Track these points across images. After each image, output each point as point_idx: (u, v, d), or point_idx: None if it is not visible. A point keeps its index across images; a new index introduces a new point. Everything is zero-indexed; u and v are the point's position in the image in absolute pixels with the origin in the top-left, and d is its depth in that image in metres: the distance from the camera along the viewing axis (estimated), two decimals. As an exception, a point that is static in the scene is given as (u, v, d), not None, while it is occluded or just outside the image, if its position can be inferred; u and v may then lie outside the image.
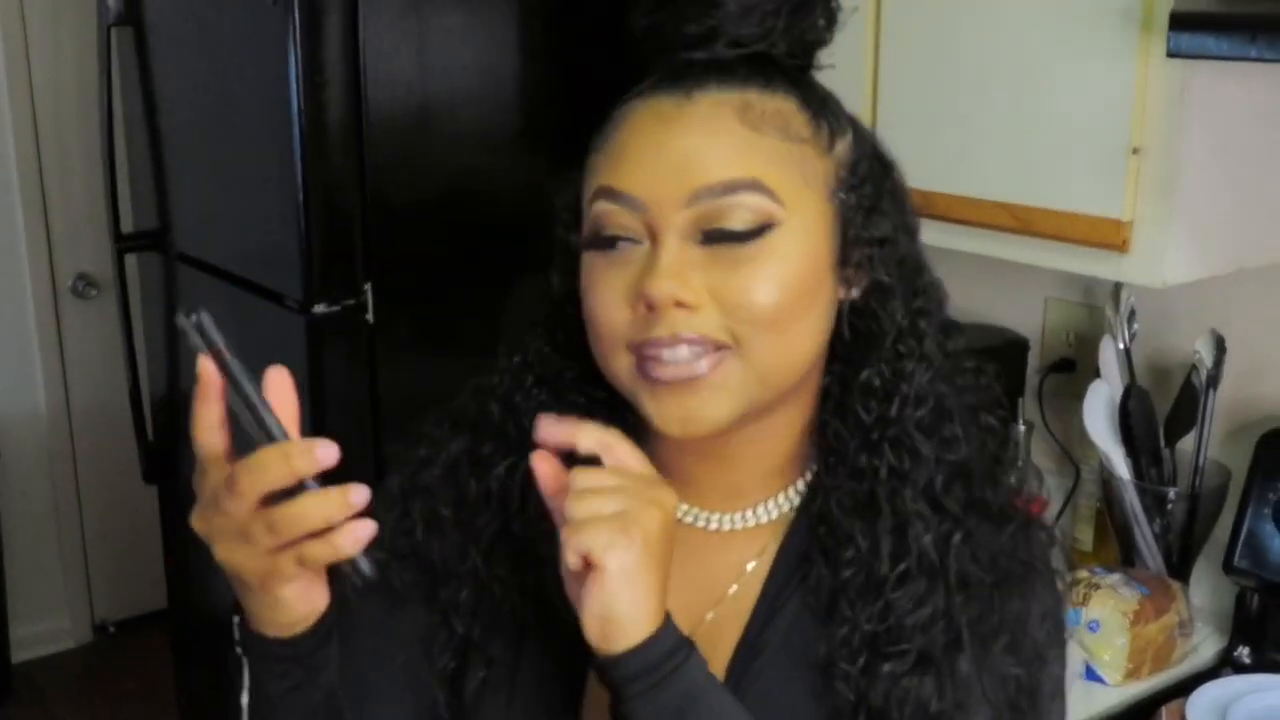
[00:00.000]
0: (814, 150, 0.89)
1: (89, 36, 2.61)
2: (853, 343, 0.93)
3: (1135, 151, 1.44)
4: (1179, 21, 1.29)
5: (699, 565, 0.96)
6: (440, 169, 2.12)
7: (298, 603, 0.83)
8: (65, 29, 3.50)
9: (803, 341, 0.89)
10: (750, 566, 0.96)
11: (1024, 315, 2.07)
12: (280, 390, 0.80)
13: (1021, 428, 1.94)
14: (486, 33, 2.14)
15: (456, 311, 2.16)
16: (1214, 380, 1.70)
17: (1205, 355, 1.70)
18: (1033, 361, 2.04)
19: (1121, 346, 1.80)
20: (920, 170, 1.66)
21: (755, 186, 0.85)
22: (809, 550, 0.93)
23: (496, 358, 1.02)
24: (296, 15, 1.94)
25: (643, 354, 0.86)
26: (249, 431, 0.78)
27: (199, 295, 2.51)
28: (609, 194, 0.87)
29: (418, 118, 2.08)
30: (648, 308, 0.85)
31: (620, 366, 0.88)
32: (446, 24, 2.10)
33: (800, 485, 0.97)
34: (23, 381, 3.68)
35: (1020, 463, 1.91)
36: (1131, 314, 1.80)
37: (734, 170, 0.85)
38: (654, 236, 0.86)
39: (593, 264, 0.89)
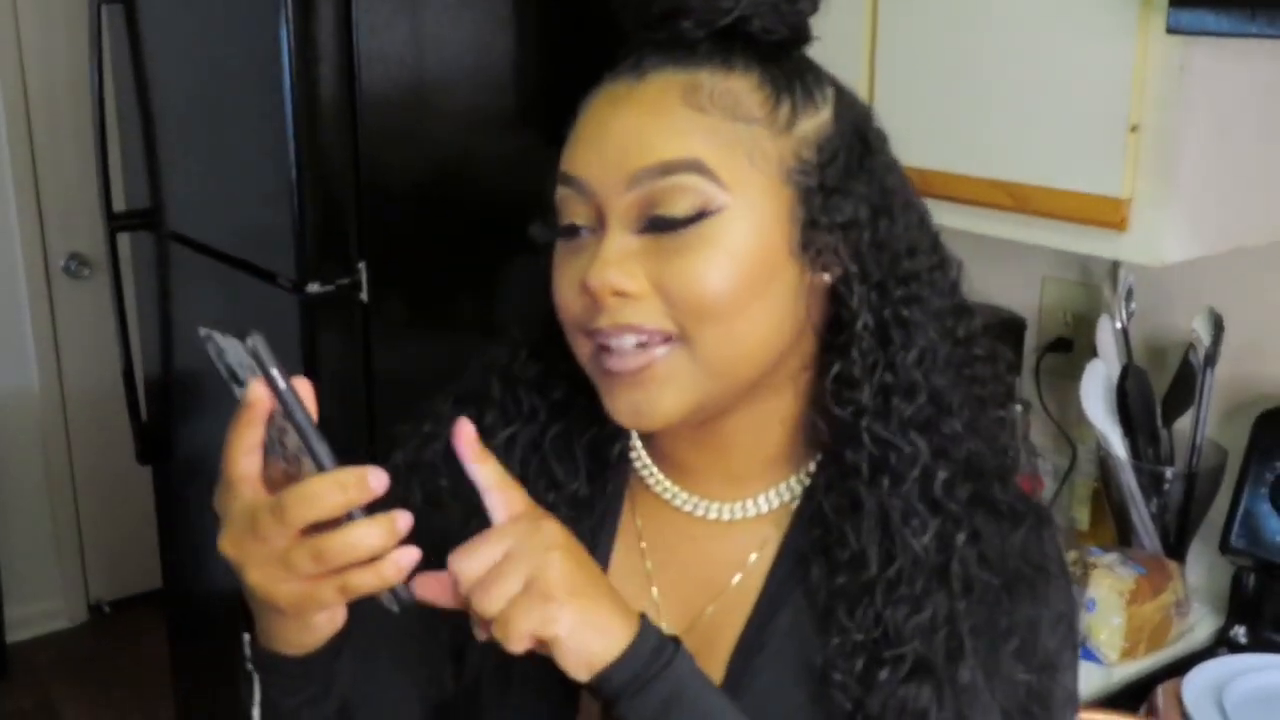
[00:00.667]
0: (767, 130, 0.86)
1: (80, 14, 2.60)
2: (834, 332, 0.90)
3: (1134, 129, 1.43)
4: (1178, -3, 1.28)
5: (700, 556, 0.95)
6: (434, 147, 2.11)
7: (326, 625, 0.82)
8: (56, 7, 3.49)
9: (756, 330, 0.86)
10: (753, 558, 0.95)
11: (1021, 294, 2.06)
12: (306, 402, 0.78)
13: (1018, 407, 1.94)
14: (481, 9, 2.13)
15: (451, 290, 2.15)
16: (1211, 359, 1.70)
17: (1203, 334, 1.69)
18: (1030, 341, 2.04)
19: (1119, 325, 1.80)
20: (917, 148, 1.65)
21: (694, 167, 0.84)
22: (808, 550, 0.92)
23: (506, 334, 1.02)
24: (289, -9, 1.93)
25: (596, 343, 0.86)
26: (272, 451, 0.77)
27: (192, 274, 2.50)
28: (564, 179, 0.88)
29: (412, 95, 2.07)
30: (591, 300, 0.85)
31: (582, 354, 0.89)
32: (441, 1, 2.08)
33: (803, 476, 0.95)
34: (15, 362, 3.67)
35: (1019, 444, 1.92)
36: (1129, 293, 1.79)
37: (672, 151, 0.84)
38: (601, 224, 0.86)
39: (557, 251, 0.90)
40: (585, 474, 0.97)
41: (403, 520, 0.74)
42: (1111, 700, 1.58)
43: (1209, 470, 1.74)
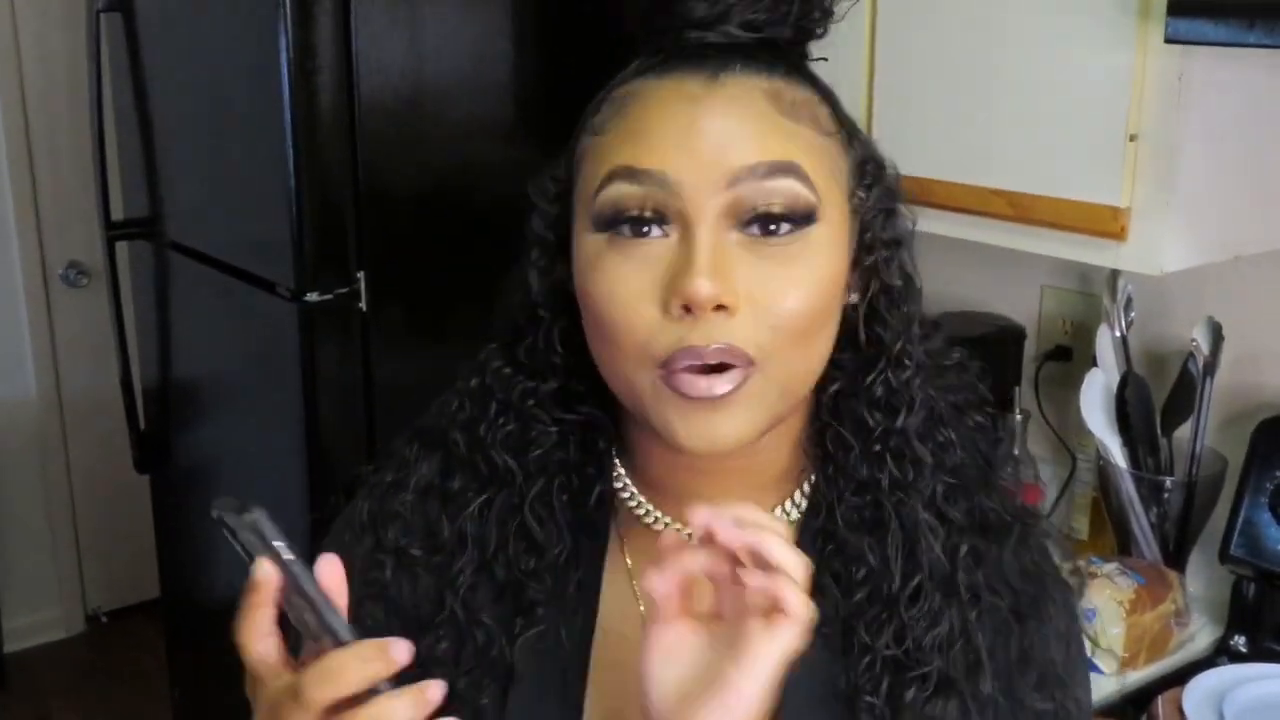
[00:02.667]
0: (839, 146, 0.85)
1: (78, 23, 2.60)
2: (860, 349, 0.88)
3: (1133, 138, 1.43)
4: (1177, 7, 1.28)
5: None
6: (433, 156, 2.11)
7: None
8: (54, 15, 3.49)
9: (821, 351, 0.84)
10: None
11: (1020, 303, 2.06)
12: (334, 582, 0.73)
13: (1018, 416, 1.94)
14: (480, 20, 2.13)
15: (450, 300, 2.15)
16: (1211, 368, 1.69)
17: (1202, 343, 1.69)
18: (1029, 350, 2.04)
19: (1118, 334, 1.79)
20: (917, 157, 1.66)
21: (794, 171, 0.80)
22: (817, 576, 0.87)
23: (456, 378, 0.96)
24: (288, 1, 1.92)
25: (674, 365, 0.78)
26: (302, 630, 0.73)
27: (191, 283, 2.50)
28: (629, 174, 0.80)
29: (411, 105, 2.07)
30: (684, 309, 0.77)
31: (642, 380, 0.81)
32: (440, 11, 2.08)
33: (797, 498, 0.92)
34: (13, 370, 3.67)
35: (1016, 452, 1.92)
36: (1128, 302, 1.79)
37: (776, 152, 0.79)
38: (684, 225, 0.79)
39: (604, 258, 0.81)
40: (570, 532, 0.90)
41: (434, 690, 0.70)
42: (1112, 710, 1.58)
43: (1208, 479, 1.74)
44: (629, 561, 0.93)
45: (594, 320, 0.82)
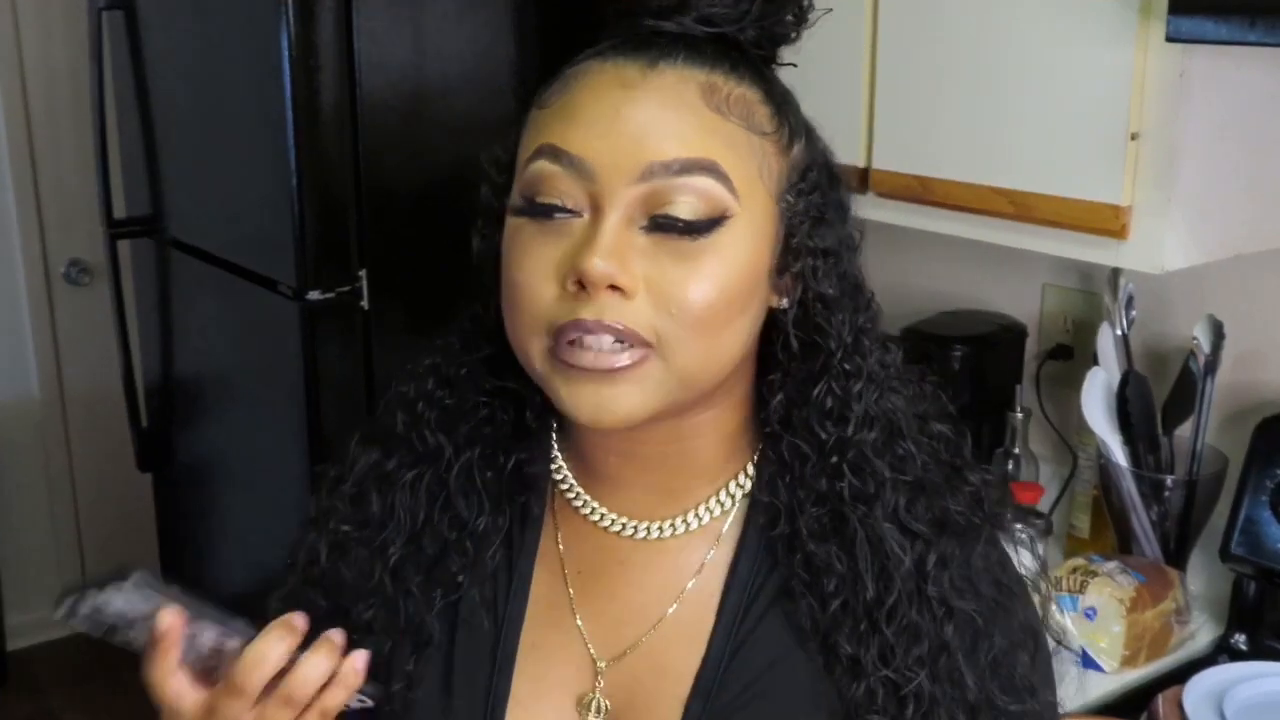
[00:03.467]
0: (774, 147, 0.85)
1: (80, 21, 2.60)
2: (798, 357, 0.88)
3: (1134, 137, 1.43)
4: (1178, 6, 1.28)
5: (629, 580, 0.92)
6: (435, 155, 2.11)
7: None
8: (56, 13, 3.48)
9: (729, 346, 0.84)
10: (690, 585, 0.91)
11: (1021, 302, 2.06)
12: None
13: (1019, 415, 1.94)
14: (481, 17, 2.13)
15: (451, 298, 2.15)
16: (1212, 367, 1.69)
17: (1203, 341, 1.69)
18: (1030, 348, 2.04)
19: (1119, 333, 1.79)
20: (918, 156, 1.67)
21: (713, 170, 0.80)
22: (779, 584, 0.89)
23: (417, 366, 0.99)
24: (290, -1, 1.93)
25: (563, 336, 0.80)
26: (200, 658, 0.85)
27: (192, 281, 2.50)
28: (553, 153, 0.81)
29: (412, 103, 2.07)
30: (578, 285, 0.79)
31: (535, 348, 0.83)
32: (441, 8, 2.09)
33: (733, 488, 0.92)
34: (16, 369, 3.67)
35: (1017, 451, 1.91)
36: (1129, 300, 1.79)
37: (693, 149, 0.80)
38: (596, 209, 0.80)
39: (521, 230, 0.83)
40: (491, 505, 0.93)
41: (338, 635, 0.83)
42: (1112, 708, 1.58)
43: (1209, 478, 1.74)
44: (561, 547, 0.95)
45: (504, 289, 0.85)
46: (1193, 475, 1.73)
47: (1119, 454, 1.77)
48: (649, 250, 0.80)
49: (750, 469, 0.92)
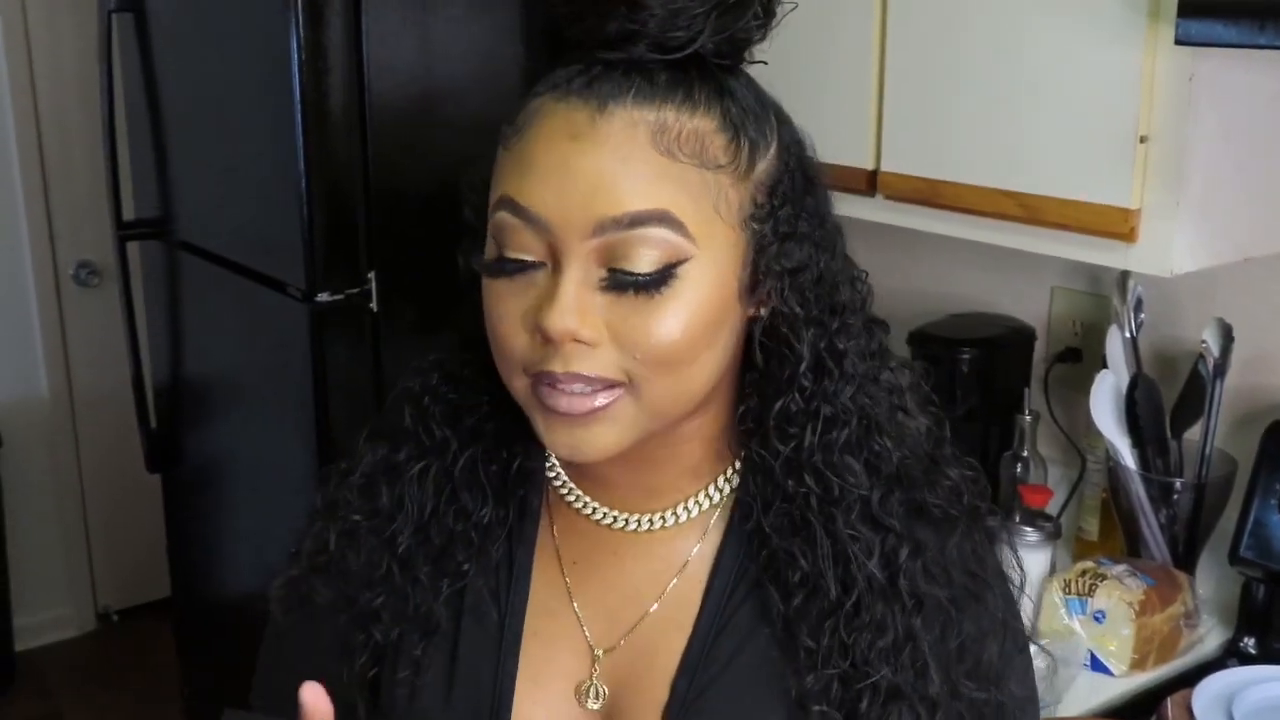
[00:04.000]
0: (730, 177, 0.84)
1: (90, 23, 2.60)
2: (766, 365, 0.89)
3: (1143, 140, 1.43)
4: (1187, 9, 1.28)
5: (622, 570, 0.95)
6: (444, 157, 2.11)
7: None
8: (66, 15, 3.49)
9: (699, 377, 0.85)
10: (680, 575, 0.94)
11: (1030, 304, 2.06)
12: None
13: (1027, 418, 1.94)
14: (490, 19, 2.13)
15: (460, 300, 2.15)
16: (1221, 370, 1.69)
17: (1212, 344, 1.69)
18: (1039, 351, 2.04)
19: (1128, 336, 1.79)
20: (927, 159, 1.67)
21: (664, 220, 0.80)
22: (756, 570, 0.91)
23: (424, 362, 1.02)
24: (299, 1, 1.93)
25: (538, 381, 0.83)
26: None
27: (202, 282, 2.51)
28: (512, 207, 0.82)
29: (421, 105, 2.07)
30: (544, 339, 0.81)
31: (517, 386, 0.86)
32: (450, 11, 2.09)
33: (720, 483, 0.95)
34: (25, 370, 3.68)
35: (1025, 453, 1.91)
36: (1138, 303, 1.79)
37: (643, 201, 0.80)
38: (556, 261, 0.82)
39: (495, 281, 0.85)
40: (494, 499, 0.96)
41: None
42: (1121, 712, 1.58)
43: (1218, 481, 1.73)
44: (557, 539, 0.98)
45: (486, 325, 0.87)
46: (1202, 478, 1.72)
47: (1128, 457, 1.76)
48: (609, 298, 0.81)
49: (739, 465, 0.94)
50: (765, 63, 0.89)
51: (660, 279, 0.81)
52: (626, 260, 0.80)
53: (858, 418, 0.90)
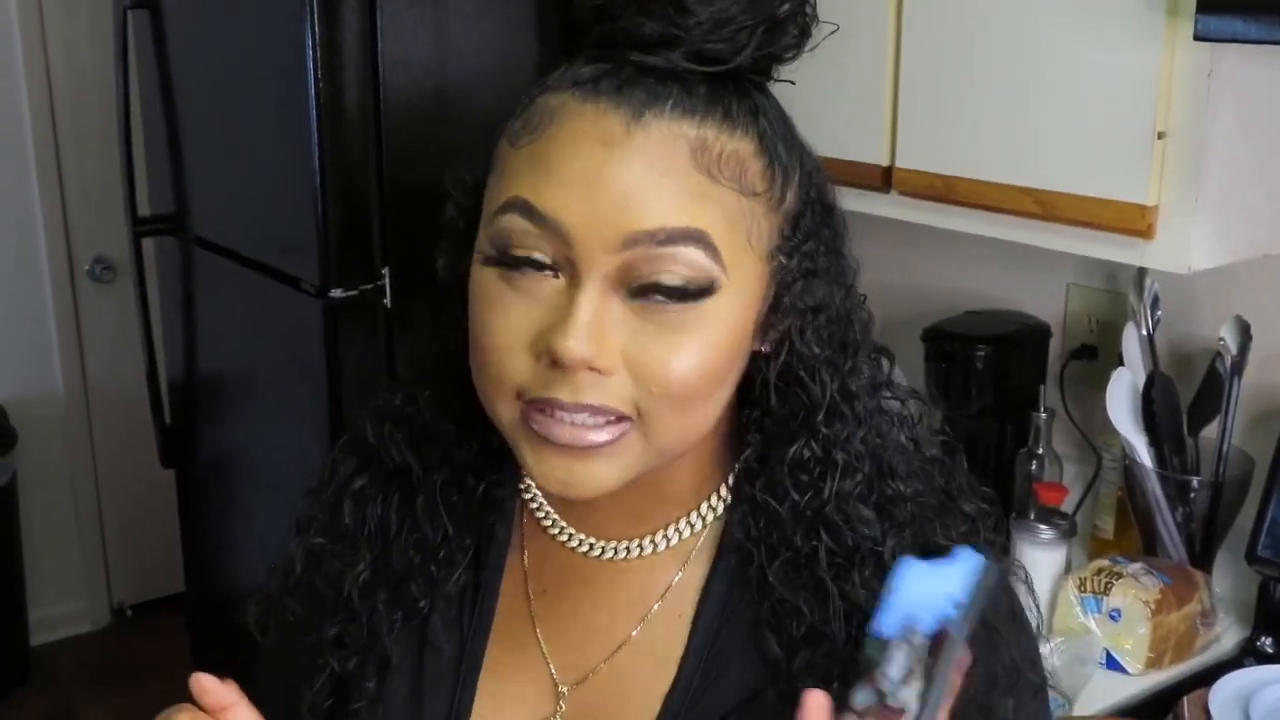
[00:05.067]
0: (764, 206, 0.78)
1: (106, 19, 2.61)
2: (776, 405, 0.84)
3: (1161, 136, 1.42)
4: (1206, 4, 1.27)
5: (594, 601, 0.89)
6: (457, 153, 2.10)
7: None
8: (82, 12, 3.50)
9: (709, 415, 0.80)
10: (656, 608, 0.88)
11: (1046, 301, 2.05)
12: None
13: (1043, 415, 1.93)
14: (504, 16, 2.13)
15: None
16: (1238, 367, 1.68)
17: (1230, 342, 1.68)
18: (1054, 348, 2.03)
19: (1145, 333, 1.78)
20: (943, 155, 1.66)
21: (700, 241, 0.74)
22: (752, 615, 0.86)
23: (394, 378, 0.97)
24: (314, -2, 1.93)
25: (534, 407, 0.76)
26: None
27: (216, 278, 2.51)
28: (527, 210, 0.75)
29: (435, 101, 2.07)
30: (552, 363, 0.74)
31: (504, 412, 0.78)
32: (463, 6, 2.09)
33: (704, 510, 0.89)
34: (40, 365, 3.69)
35: (1041, 451, 1.90)
36: (1155, 300, 1.78)
37: (680, 218, 0.74)
38: (572, 274, 0.75)
39: (490, 284, 0.77)
40: (456, 530, 0.90)
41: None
42: (1136, 711, 1.57)
43: (1235, 479, 1.73)
44: (526, 565, 0.92)
45: (472, 340, 0.79)
46: (1219, 477, 1.72)
47: (1144, 455, 1.76)
48: (629, 321, 0.75)
49: (724, 491, 0.89)
50: (793, 82, 0.84)
51: (691, 295, 0.75)
52: (656, 275, 0.74)
53: (870, 461, 0.85)
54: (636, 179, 0.74)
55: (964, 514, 0.89)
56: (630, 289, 0.75)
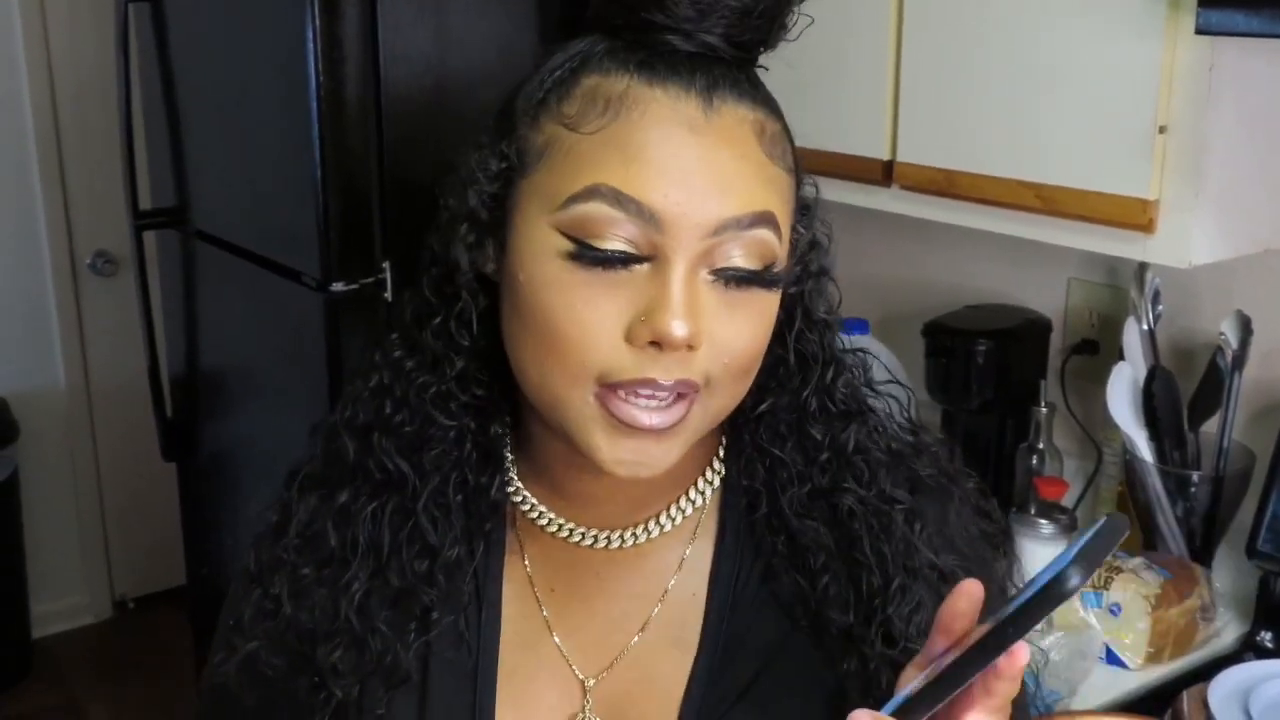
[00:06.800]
0: (792, 180, 0.83)
1: (107, 13, 2.61)
2: (794, 370, 0.90)
3: (1162, 130, 1.42)
4: (1208, -2, 1.27)
5: (606, 591, 0.90)
6: (458, 147, 2.11)
7: None
8: (83, 5, 3.50)
9: (750, 385, 0.84)
10: (671, 583, 0.89)
11: (1046, 296, 2.05)
12: None
13: (1043, 410, 1.93)
14: (505, 10, 2.13)
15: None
16: (1239, 362, 1.68)
17: (1231, 336, 1.68)
18: (1055, 342, 2.03)
19: (1145, 328, 1.78)
20: (944, 150, 1.66)
21: (770, 222, 0.78)
22: (764, 570, 0.88)
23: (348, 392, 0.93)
24: (314, -9, 1.93)
25: (616, 392, 0.77)
26: None
27: (217, 272, 2.51)
28: (615, 198, 0.75)
29: (435, 95, 2.07)
30: (654, 345, 0.76)
31: (574, 396, 0.78)
32: (464, 2, 2.08)
33: (701, 485, 0.91)
34: (42, 358, 3.69)
35: (1041, 445, 1.91)
36: (1156, 295, 1.78)
37: (758, 202, 0.78)
38: (661, 259, 0.76)
39: (569, 273, 0.77)
40: (462, 532, 0.89)
41: None
42: (1136, 705, 1.57)
43: (1236, 474, 1.73)
44: (528, 567, 0.92)
45: (538, 330, 0.78)
46: (1219, 471, 1.72)
47: (1145, 449, 1.76)
48: (709, 298, 0.78)
49: (717, 462, 0.92)
50: (766, 69, 0.86)
51: (767, 280, 0.79)
52: (736, 259, 0.77)
53: (855, 400, 0.91)
54: (724, 164, 0.77)
55: (930, 448, 0.94)
56: (712, 269, 0.77)
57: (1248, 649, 1.69)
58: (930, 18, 1.66)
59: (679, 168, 0.75)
